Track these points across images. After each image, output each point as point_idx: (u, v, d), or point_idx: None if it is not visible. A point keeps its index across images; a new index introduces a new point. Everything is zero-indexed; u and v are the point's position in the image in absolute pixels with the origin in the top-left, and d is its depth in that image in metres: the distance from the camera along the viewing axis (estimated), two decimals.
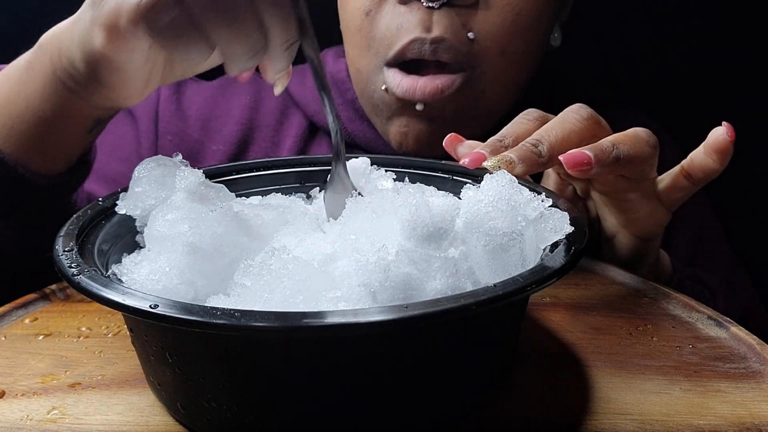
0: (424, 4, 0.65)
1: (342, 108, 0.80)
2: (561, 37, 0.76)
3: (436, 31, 0.65)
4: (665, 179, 0.58)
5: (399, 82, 0.68)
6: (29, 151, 0.55)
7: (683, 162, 0.57)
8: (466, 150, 0.55)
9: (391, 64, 0.69)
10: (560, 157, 0.50)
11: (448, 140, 0.56)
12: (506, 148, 0.52)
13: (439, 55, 0.66)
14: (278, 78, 0.49)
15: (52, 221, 0.45)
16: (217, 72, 0.92)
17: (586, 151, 0.50)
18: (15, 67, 0.56)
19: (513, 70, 0.70)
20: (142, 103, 0.75)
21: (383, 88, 0.70)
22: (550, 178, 0.62)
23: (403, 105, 0.70)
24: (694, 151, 0.56)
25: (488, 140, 0.53)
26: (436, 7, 0.65)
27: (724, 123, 0.54)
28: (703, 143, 0.55)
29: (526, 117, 0.55)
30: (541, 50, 0.73)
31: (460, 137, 0.56)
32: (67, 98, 0.53)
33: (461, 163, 0.51)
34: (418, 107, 0.68)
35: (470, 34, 0.66)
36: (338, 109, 0.80)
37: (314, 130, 0.85)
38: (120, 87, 0.51)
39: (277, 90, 0.52)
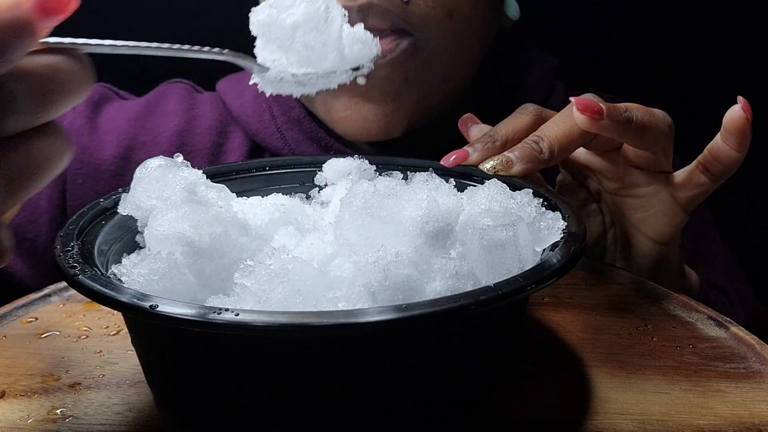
0: None
1: (287, 127, 0.72)
2: (518, 10, 0.69)
3: None
4: (680, 175, 0.55)
5: None
6: None
7: (700, 156, 0.54)
8: (476, 133, 0.53)
9: None
10: (572, 99, 0.48)
11: (464, 119, 0.54)
12: (495, 145, 0.51)
13: (370, 22, 0.57)
14: None
15: None
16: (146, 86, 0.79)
17: (599, 102, 0.48)
18: None
19: (465, 34, 0.63)
20: None
21: None
22: (563, 181, 0.61)
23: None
24: (710, 143, 0.53)
25: (480, 137, 0.52)
26: None
27: (739, 98, 0.51)
28: (719, 132, 0.52)
29: (520, 112, 0.53)
30: (494, 17, 0.68)
31: (476, 118, 0.54)
32: None
33: (443, 161, 0.50)
34: (360, 81, 0.51)
35: None
36: (283, 128, 0.72)
37: (258, 150, 0.74)
38: None
39: None
